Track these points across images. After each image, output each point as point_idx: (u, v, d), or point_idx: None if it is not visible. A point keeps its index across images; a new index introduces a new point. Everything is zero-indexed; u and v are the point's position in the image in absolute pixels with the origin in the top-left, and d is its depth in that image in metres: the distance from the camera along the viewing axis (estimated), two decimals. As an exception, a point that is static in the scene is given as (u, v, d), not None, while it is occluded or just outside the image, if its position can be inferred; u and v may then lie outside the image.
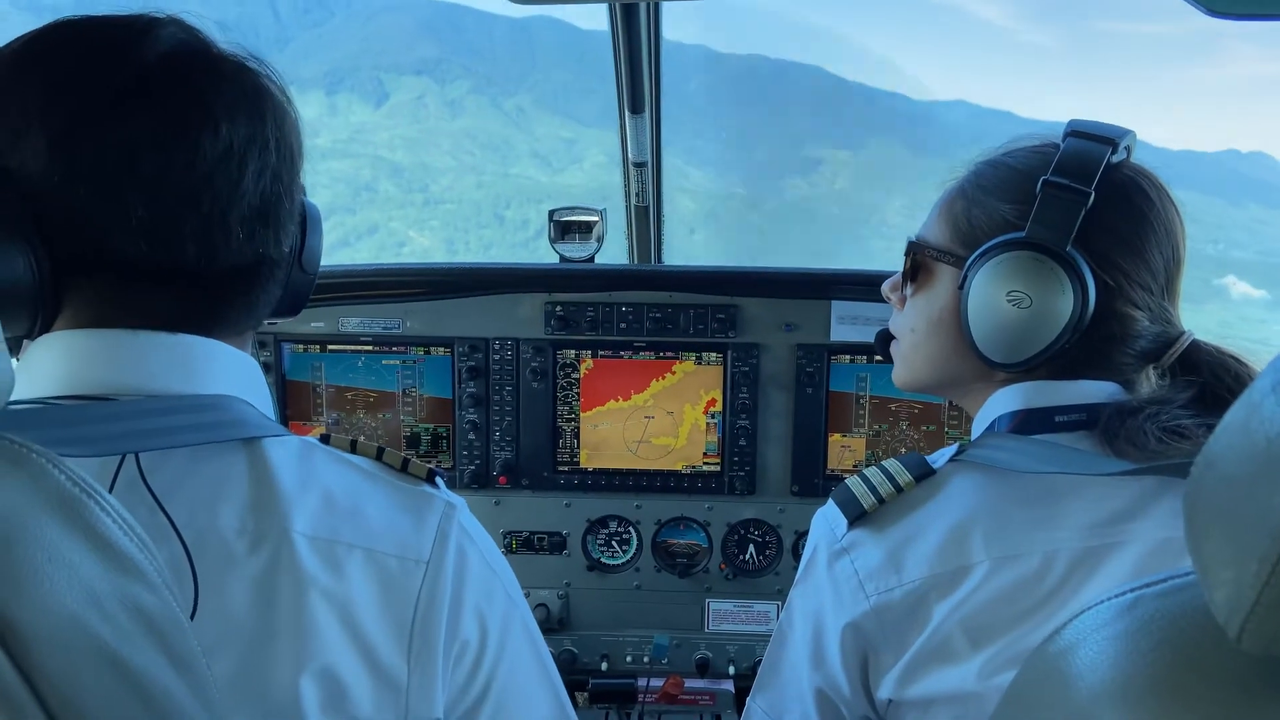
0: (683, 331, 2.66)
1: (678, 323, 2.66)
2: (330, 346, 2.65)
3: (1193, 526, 0.73)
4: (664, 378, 2.70)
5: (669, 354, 2.68)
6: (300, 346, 2.64)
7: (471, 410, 2.67)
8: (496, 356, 2.66)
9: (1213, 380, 1.35)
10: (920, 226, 1.53)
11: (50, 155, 1.02)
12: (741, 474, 2.71)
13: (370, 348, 2.65)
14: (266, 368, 2.59)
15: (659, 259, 2.95)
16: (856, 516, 1.37)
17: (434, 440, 2.70)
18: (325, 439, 1.22)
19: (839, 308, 2.65)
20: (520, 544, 2.75)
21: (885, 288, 1.60)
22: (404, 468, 1.22)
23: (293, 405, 2.65)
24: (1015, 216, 1.35)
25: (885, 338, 1.63)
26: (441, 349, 2.67)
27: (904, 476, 1.38)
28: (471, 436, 2.68)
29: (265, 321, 1.27)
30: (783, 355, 2.68)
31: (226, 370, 1.16)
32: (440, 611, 1.14)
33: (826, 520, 1.44)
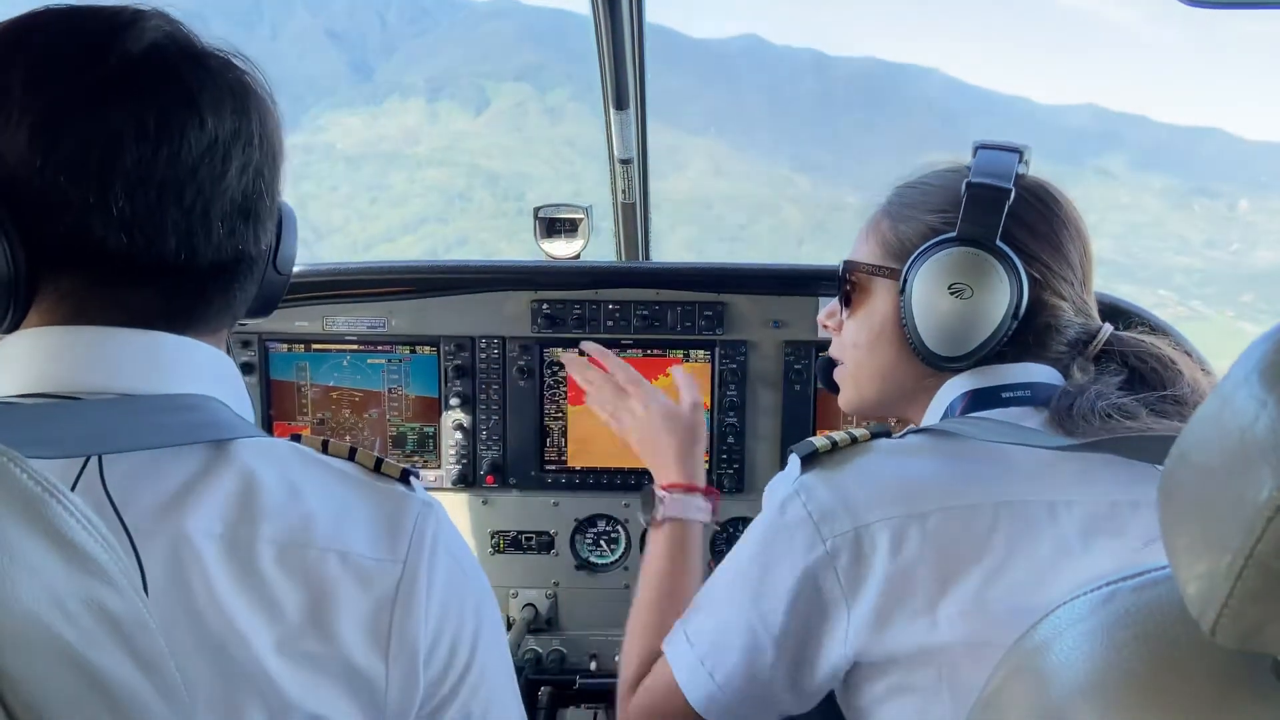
0: (670, 329, 2.74)
1: (665, 320, 2.74)
2: (315, 346, 2.77)
3: (1166, 519, 0.74)
4: (655, 380, 2.77)
5: (656, 351, 2.76)
6: (285, 346, 2.76)
7: (458, 409, 2.77)
8: (483, 355, 2.77)
9: (1138, 364, 1.49)
10: (849, 253, 1.66)
11: (30, 144, 1.04)
12: (730, 472, 2.78)
13: (355, 347, 2.77)
14: (250, 367, 2.71)
15: (646, 256, 3.04)
16: (809, 455, 1.45)
17: (420, 440, 2.81)
18: (296, 438, 1.22)
19: (826, 304, 2.69)
20: (508, 544, 2.85)
21: (821, 317, 1.75)
22: (377, 468, 1.22)
23: (277, 405, 2.78)
24: (941, 224, 1.50)
25: (828, 366, 1.75)
26: (427, 348, 2.78)
27: (861, 431, 1.48)
28: (458, 436, 2.78)
29: (237, 323, 1.29)
30: (770, 352, 2.75)
31: (201, 369, 1.18)
32: (417, 611, 1.14)
33: (784, 471, 1.52)
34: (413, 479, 1.24)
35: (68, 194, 1.05)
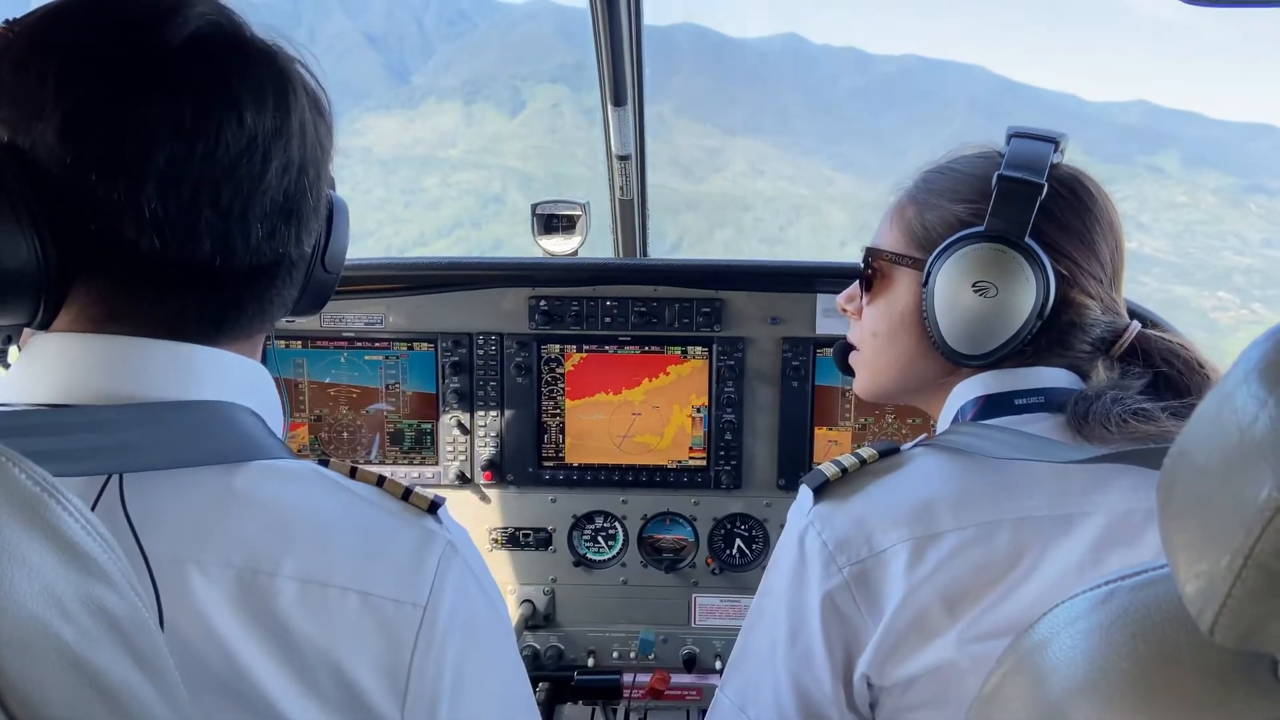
0: (668, 326, 2.79)
1: (663, 317, 2.78)
2: (312, 342, 2.84)
3: (1165, 518, 0.74)
4: (656, 378, 2.83)
5: (654, 348, 2.81)
6: (282, 342, 2.82)
7: (455, 406, 2.84)
8: (480, 352, 2.82)
9: (1163, 366, 1.47)
10: (872, 237, 1.65)
11: (62, 137, 1.01)
12: (728, 468, 2.83)
13: (353, 343, 2.84)
14: None
15: (644, 253, 3.09)
16: (820, 486, 1.46)
17: (418, 437, 2.88)
18: (324, 463, 1.21)
19: (824, 301, 2.74)
20: (506, 540, 2.91)
21: (840, 300, 1.73)
22: (405, 498, 1.20)
23: (276, 400, 2.83)
24: (969, 215, 1.48)
25: (844, 350, 1.75)
26: (425, 344, 2.83)
27: (869, 452, 1.49)
28: (456, 432, 2.84)
29: (284, 320, 1.28)
30: (768, 349, 2.79)
31: (231, 379, 1.17)
32: (438, 656, 1.13)
33: (797, 502, 1.54)
34: (440, 511, 1.22)
35: (98, 192, 1.02)
